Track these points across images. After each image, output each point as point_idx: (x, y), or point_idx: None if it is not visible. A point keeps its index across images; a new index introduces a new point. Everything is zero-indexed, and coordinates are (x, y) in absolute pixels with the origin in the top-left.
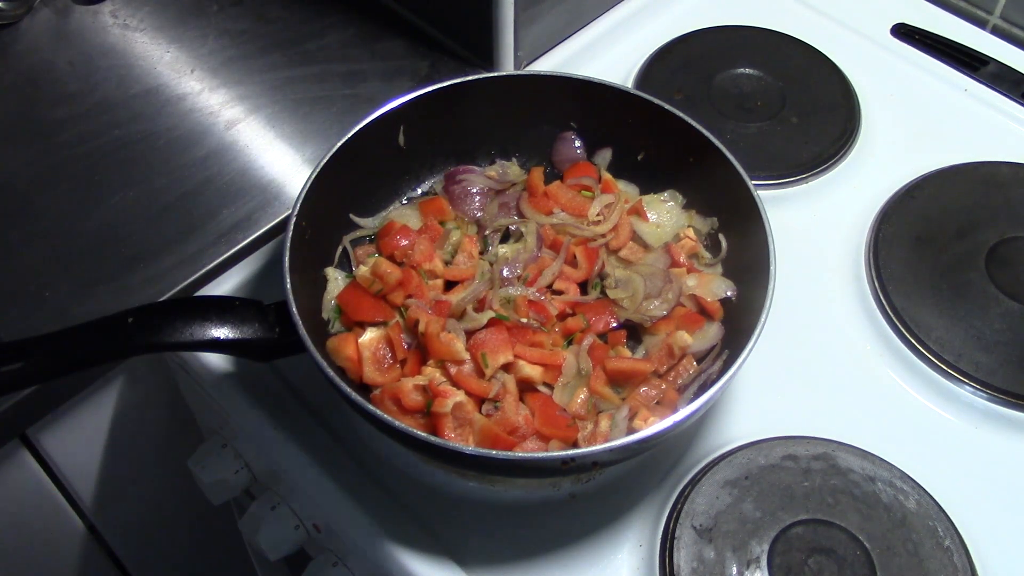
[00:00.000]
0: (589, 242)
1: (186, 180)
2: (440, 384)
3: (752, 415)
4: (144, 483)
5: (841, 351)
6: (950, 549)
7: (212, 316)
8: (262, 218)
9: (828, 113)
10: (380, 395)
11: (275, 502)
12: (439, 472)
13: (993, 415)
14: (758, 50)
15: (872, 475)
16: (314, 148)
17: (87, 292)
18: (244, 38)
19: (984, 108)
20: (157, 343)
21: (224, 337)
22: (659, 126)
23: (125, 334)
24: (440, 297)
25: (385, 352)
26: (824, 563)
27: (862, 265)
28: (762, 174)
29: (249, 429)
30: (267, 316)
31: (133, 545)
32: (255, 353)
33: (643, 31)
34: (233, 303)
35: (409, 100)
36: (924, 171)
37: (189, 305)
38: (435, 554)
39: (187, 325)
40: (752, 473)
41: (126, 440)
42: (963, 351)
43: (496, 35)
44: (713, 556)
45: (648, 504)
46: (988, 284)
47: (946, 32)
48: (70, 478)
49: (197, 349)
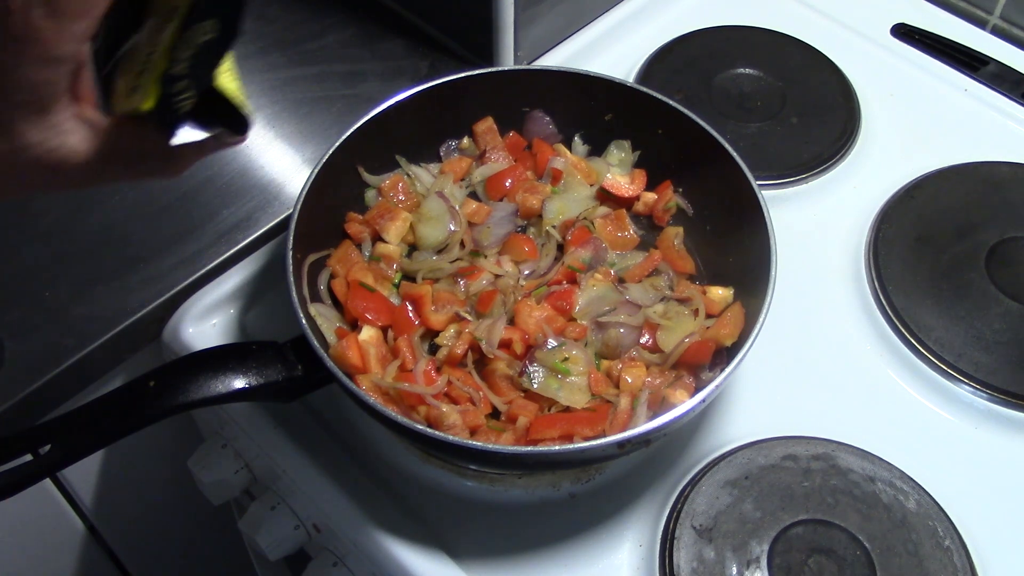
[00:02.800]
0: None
1: (186, 180)
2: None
3: (752, 415)
4: (144, 483)
5: (841, 351)
6: (950, 549)
7: (232, 365)
8: (262, 218)
9: (828, 113)
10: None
11: (275, 502)
12: (439, 472)
13: (993, 415)
14: (758, 50)
15: (872, 475)
16: (314, 148)
17: (87, 292)
18: (244, 38)
19: (984, 108)
20: (183, 404)
21: (249, 385)
22: (662, 122)
23: (149, 400)
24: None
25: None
26: (824, 563)
27: (862, 265)
28: (762, 174)
29: (249, 429)
30: (286, 355)
31: (133, 545)
32: (283, 395)
33: (643, 31)
34: (250, 348)
35: (407, 98)
36: (924, 171)
37: (207, 358)
38: (435, 554)
39: (209, 380)
40: (752, 473)
41: (126, 440)
42: (963, 351)
43: (496, 35)
44: (713, 556)
45: (648, 504)
46: (988, 284)
47: (946, 32)
48: (70, 478)
49: (224, 402)
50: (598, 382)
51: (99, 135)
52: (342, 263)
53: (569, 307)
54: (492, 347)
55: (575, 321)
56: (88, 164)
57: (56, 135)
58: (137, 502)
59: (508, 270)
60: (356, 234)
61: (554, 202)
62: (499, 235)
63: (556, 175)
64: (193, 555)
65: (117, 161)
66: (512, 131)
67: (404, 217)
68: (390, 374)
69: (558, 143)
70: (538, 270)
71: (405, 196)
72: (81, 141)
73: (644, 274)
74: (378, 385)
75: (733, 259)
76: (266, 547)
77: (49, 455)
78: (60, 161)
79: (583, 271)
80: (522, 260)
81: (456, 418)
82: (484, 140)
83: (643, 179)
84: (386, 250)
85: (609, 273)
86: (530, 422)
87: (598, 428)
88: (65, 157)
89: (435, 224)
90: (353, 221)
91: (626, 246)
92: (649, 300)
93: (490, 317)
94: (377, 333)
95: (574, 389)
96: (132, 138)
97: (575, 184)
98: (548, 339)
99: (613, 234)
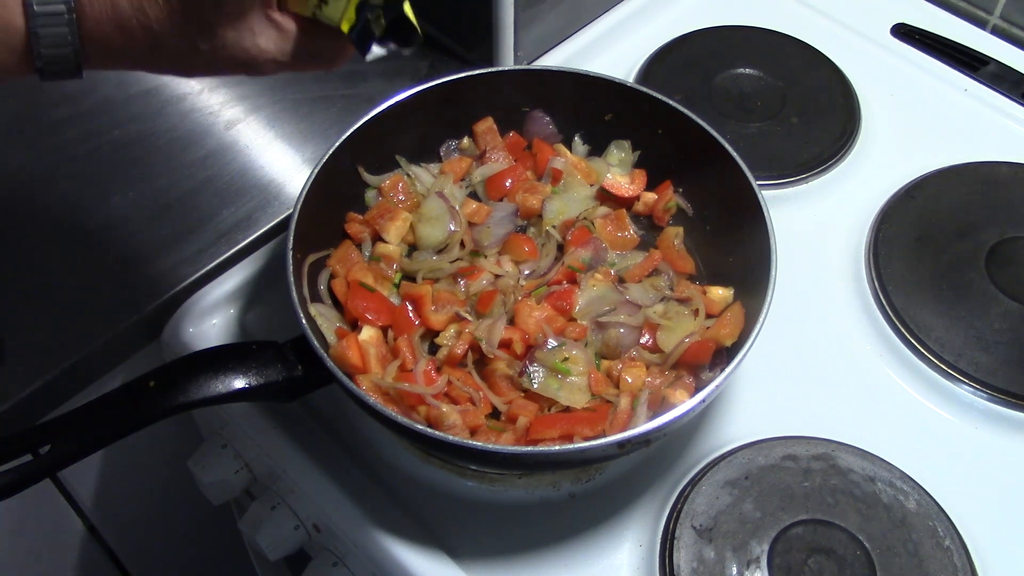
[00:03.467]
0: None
1: (186, 180)
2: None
3: (752, 415)
4: (144, 483)
5: (841, 351)
6: (950, 549)
7: (232, 365)
8: (262, 218)
9: (828, 113)
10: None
11: (275, 502)
12: (439, 472)
13: (993, 415)
14: (758, 50)
15: (872, 475)
16: (314, 148)
17: (87, 292)
18: None
19: (984, 108)
20: (183, 403)
21: (249, 385)
22: (662, 122)
23: (149, 400)
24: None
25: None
26: (824, 563)
27: (862, 265)
28: (762, 174)
29: (249, 429)
30: (286, 355)
31: (133, 545)
32: (283, 395)
33: (643, 31)
34: (250, 348)
35: (407, 98)
36: (924, 171)
37: (207, 357)
38: (435, 554)
39: (209, 380)
40: (752, 473)
41: (126, 440)
42: (963, 351)
43: (496, 35)
44: (713, 556)
45: (648, 504)
46: (988, 284)
47: (946, 32)
48: (70, 478)
49: (224, 402)
50: (598, 382)
51: (283, 35)
52: (342, 263)
53: (569, 307)
54: (492, 347)
55: (575, 321)
56: (271, 59)
57: (250, 36)
58: (137, 502)
59: (508, 270)
60: (356, 234)
61: (554, 202)
62: (499, 235)
63: (556, 175)
64: (193, 555)
65: (296, 57)
66: (512, 131)
67: (404, 217)
68: (390, 374)
69: (558, 143)
70: (538, 270)
71: (405, 196)
72: (268, 40)
73: (644, 274)
74: (378, 385)
75: (733, 259)
76: (266, 547)
77: (49, 455)
78: (251, 57)
79: (583, 271)
80: (522, 260)
81: (456, 418)
82: (484, 140)
83: (643, 179)
84: (386, 250)
85: (609, 273)
86: (530, 422)
87: (598, 428)
88: (256, 54)
89: (435, 224)
90: (353, 221)
91: (626, 246)
92: (649, 300)
93: (490, 317)
94: (377, 333)
95: (574, 389)
96: (309, 39)
97: (575, 184)
98: (548, 339)
99: (613, 234)
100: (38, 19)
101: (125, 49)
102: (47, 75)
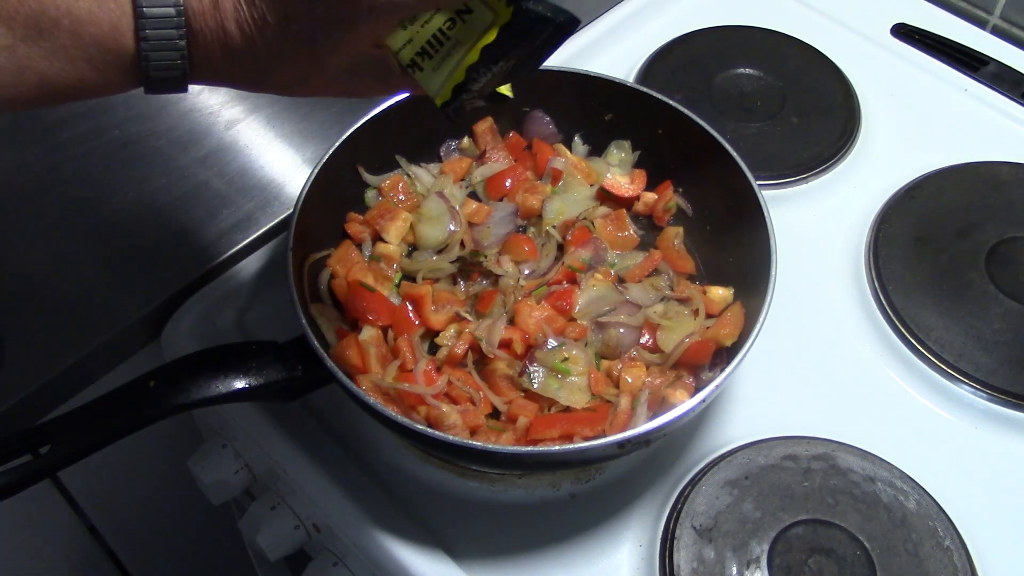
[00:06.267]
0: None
1: (186, 180)
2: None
3: (752, 415)
4: (144, 483)
5: (841, 351)
6: (950, 549)
7: (232, 365)
8: (262, 218)
9: (828, 113)
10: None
11: (275, 502)
12: (439, 472)
13: (993, 415)
14: (758, 50)
15: (872, 475)
16: (314, 148)
17: (87, 292)
18: None
19: (984, 108)
20: (183, 403)
21: (249, 386)
22: (662, 122)
23: (149, 400)
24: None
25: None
26: (824, 563)
27: (862, 265)
28: (762, 174)
29: (249, 429)
30: (286, 355)
31: (133, 545)
32: (283, 395)
33: (643, 31)
34: (250, 348)
35: (407, 98)
36: (924, 171)
37: (207, 357)
38: (435, 554)
39: (209, 380)
40: (752, 473)
41: (126, 440)
42: (963, 351)
43: None
44: (713, 556)
45: (648, 504)
46: (988, 284)
47: (946, 32)
48: (70, 478)
49: (224, 402)
50: (598, 382)
51: (388, 69)
52: (342, 263)
53: (569, 307)
54: (492, 347)
55: (575, 321)
56: (363, 84)
57: (354, 64)
58: (137, 502)
59: (508, 270)
60: (356, 234)
61: (554, 202)
62: (499, 235)
63: (556, 175)
64: (193, 555)
65: (374, 87)
66: (512, 131)
67: (404, 217)
68: (390, 374)
69: (558, 143)
70: (538, 270)
71: (405, 196)
72: (374, 77)
73: (644, 274)
74: (378, 385)
75: (733, 259)
76: (266, 547)
77: (49, 455)
78: (357, 91)
79: (583, 271)
80: (522, 260)
81: (456, 418)
82: (484, 140)
83: (643, 179)
84: (386, 250)
85: (609, 273)
86: (530, 422)
87: (598, 428)
88: (363, 89)
89: (435, 224)
90: (353, 221)
91: (626, 246)
92: (649, 300)
93: (490, 317)
94: (377, 333)
95: (574, 389)
96: (385, 72)
97: (575, 184)
98: (548, 339)
99: (613, 234)
100: (149, 43)
101: (231, 75)
102: (151, 91)
